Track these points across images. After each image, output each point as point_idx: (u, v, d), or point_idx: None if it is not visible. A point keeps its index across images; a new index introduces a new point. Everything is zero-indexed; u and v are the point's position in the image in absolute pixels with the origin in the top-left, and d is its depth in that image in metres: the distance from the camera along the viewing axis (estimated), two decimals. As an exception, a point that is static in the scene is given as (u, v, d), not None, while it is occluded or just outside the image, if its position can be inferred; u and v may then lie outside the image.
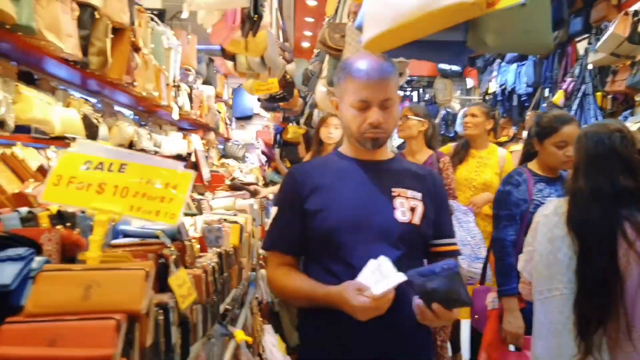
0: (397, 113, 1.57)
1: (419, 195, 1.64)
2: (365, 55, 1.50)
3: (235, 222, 3.15)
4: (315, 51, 5.81)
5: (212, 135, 7.44)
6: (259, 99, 7.14)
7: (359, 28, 1.38)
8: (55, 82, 2.98)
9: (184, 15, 2.71)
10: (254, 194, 4.76)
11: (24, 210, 1.60)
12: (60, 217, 1.62)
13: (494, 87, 7.47)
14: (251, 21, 2.80)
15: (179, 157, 5.25)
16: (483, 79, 8.29)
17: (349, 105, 1.53)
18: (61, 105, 2.60)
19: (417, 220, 1.60)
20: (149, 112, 5.01)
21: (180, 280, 1.84)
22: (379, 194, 1.60)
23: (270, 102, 6.09)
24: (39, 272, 1.17)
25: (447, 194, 1.85)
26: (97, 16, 2.77)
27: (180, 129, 6.00)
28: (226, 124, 8.89)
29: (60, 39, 2.31)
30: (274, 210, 1.66)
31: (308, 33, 8.24)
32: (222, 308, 2.39)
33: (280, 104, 6.19)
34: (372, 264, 1.39)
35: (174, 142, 4.97)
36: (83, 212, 1.68)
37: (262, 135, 10.39)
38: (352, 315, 1.38)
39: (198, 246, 2.44)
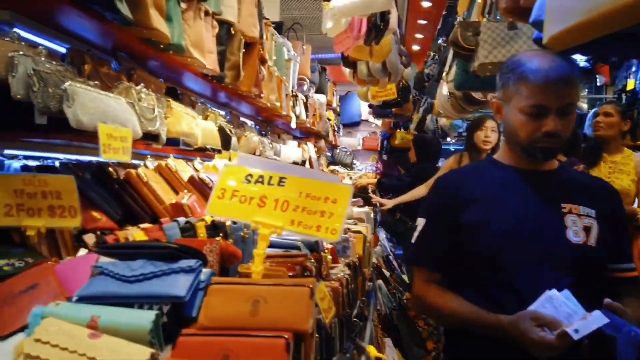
0: (575, 119, 1.39)
1: (592, 212, 1.43)
2: (541, 53, 1.34)
3: (359, 232, 3.11)
4: (431, 54, 5.61)
5: (322, 143, 7.55)
6: (369, 106, 7.11)
7: (536, 23, 1.23)
8: (193, 96, 3.17)
9: (328, 25, 2.73)
10: (367, 201, 4.70)
11: (182, 220, 1.69)
12: (214, 228, 1.68)
13: (632, 84, 6.63)
14: (377, 29, 2.74)
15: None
16: (619, 75, 7.40)
17: (518, 110, 1.36)
18: (201, 118, 2.75)
19: (592, 241, 1.40)
20: (267, 122, 5.19)
21: (322, 293, 1.81)
22: (547, 209, 1.42)
23: (383, 109, 6.02)
24: (211, 285, 1.19)
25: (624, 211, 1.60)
26: (232, 32, 2.90)
27: (295, 138, 6.15)
28: (334, 130, 8.97)
29: (203, 56, 2.44)
30: (420, 222, 1.55)
31: (419, 35, 8.02)
32: (350, 321, 2.34)
33: (394, 109, 6.08)
34: (550, 295, 1.22)
35: (290, 150, 5.09)
36: (235, 222, 1.73)
37: (368, 142, 10.37)
38: (526, 349, 1.23)
39: (330, 257, 2.42)
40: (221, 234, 1.62)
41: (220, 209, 1.31)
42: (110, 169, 1.86)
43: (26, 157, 2.02)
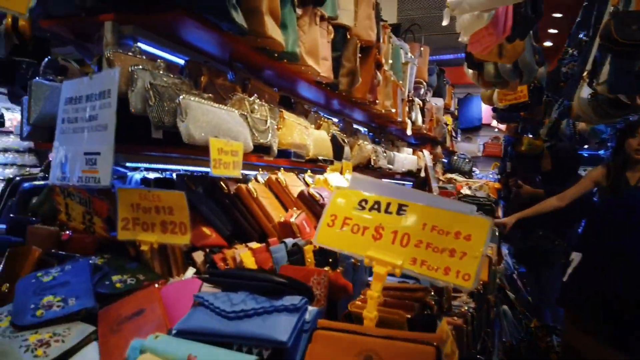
0: None
1: None
2: None
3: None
4: (569, 50, 4.96)
5: (439, 149, 7.14)
6: (494, 109, 6.54)
7: None
8: (306, 104, 3.09)
9: (445, 22, 2.47)
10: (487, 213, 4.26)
11: (289, 242, 1.57)
12: (322, 253, 1.53)
13: None
14: (526, 21, 2.38)
15: (409, 174, 5.10)
16: None
17: None
18: (313, 128, 2.64)
19: None
20: (382, 129, 4.99)
21: (444, 334, 1.57)
22: None
23: (509, 112, 5.46)
24: (317, 331, 1.04)
25: None
26: (348, 36, 2.75)
27: (410, 144, 5.86)
28: (452, 136, 8.46)
29: (317, 63, 2.33)
30: (575, 257, 1.23)
31: (553, 30, 7.22)
32: None
33: (522, 113, 5.50)
34: None
35: (405, 158, 4.83)
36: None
37: (490, 148, 9.64)
38: None
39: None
40: (330, 260, 1.46)
41: (330, 239, 1.14)
42: (222, 183, 1.81)
43: (147, 169, 2.07)
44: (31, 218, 1.87)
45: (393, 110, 3.94)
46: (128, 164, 1.90)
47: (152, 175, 1.94)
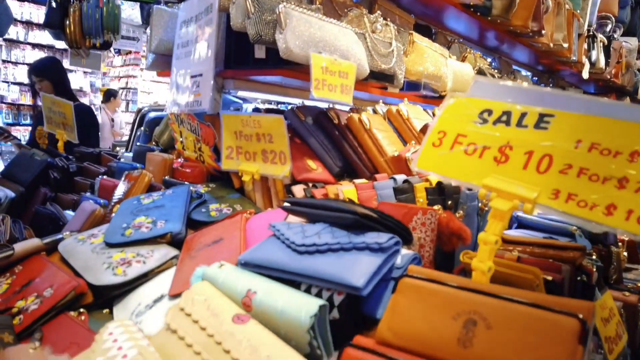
0: None
1: None
2: None
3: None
4: None
5: (627, 101, 5.88)
6: None
7: None
8: (450, 36, 2.67)
9: None
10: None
11: (400, 178, 1.29)
12: (440, 192, 1.22)
13: None
14: None
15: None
16: None
17: None
18: (455, 59, 2.24)
19: None
20: (549, 71, 4.21)
21: (606, 310, 1.17)
22: None
23: None
24: (403, 278, 0.77)
25: None
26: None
27: (585, 92, 4.90)
28: (647, 87, 6.91)
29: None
30: None
31: None
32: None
33: None
34: None
35: (579, 107, 4.01)
36: (470, 189, 1.24)
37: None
38: None
39: (625, 253, 1.66)
40: (449, 202, 1.16)
41: (434, 162, 0.84)
42: (332, 112, 1.59)
43: (263, 102, 1.96)
44: (153, 147, 1.90)
45: (565, 46, 3.24)
46: (241, 94, 1.80)
47: (264, 107, 1.81)
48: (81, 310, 1.03)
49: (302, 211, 0.98)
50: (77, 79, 5.90)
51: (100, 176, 1.90)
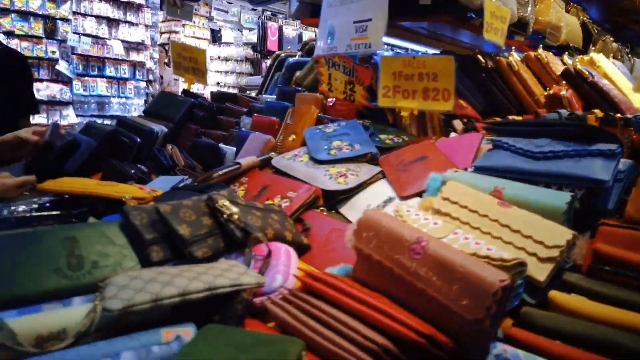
0: None
1: None
2: None
3: None
4: None
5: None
6: None
7: None
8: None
9: None
10: None
11: (564, 112, 1.47)
12: (607, 122, 1.40)
13: None
14: None
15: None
16: None
17: None
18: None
19: None
20: (617, 30, 4.25)
21: None
22: None
23: None
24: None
25: None
26: None
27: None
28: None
29: None
30: None
31: None
32: None
33: None
34: None
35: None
36: None
37: None
38: None
39: None
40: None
41: None
42: (479, 57, 1.76)
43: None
44: (295, 88, 2.09)
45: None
46: (386, 41, 1.97)
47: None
48: (321, 208, 1.26)
49: (515, 129, 1.18)
50: (138, 33, 6.07)
51: (243, 115, 2.12)
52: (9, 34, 5.10)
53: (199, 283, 0.76)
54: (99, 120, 5.77)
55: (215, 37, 8.56)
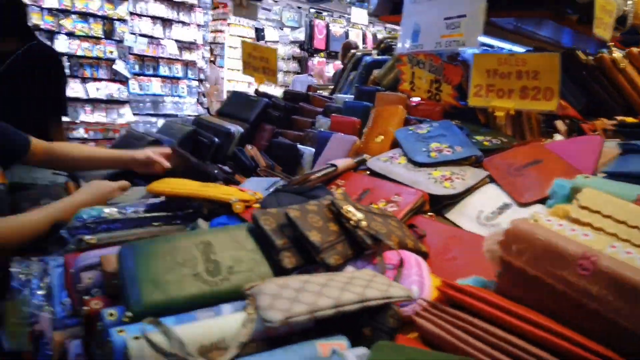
0: None
1: None
2: None
3: None
4: None
5: None
6: None
7: None
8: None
9: None
10: None
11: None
12: None
13: None
14: None
15: None
16: None
17: None
18: None
19: None
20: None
21: None
22: None
23: None
24: None
25: None
26: None
27: None
28: None
29: None
30: None
31: None
32: None
33: None
34: None
35: None
36: None
37: None
38: None
39: None
40: None
41: None
42: (578, 53, 1.66)
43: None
44: (375, 87, 2.04)
45: None
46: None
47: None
48: (429, 213, 1.20)
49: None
50: (191, 33, 6.17)
51: (318, 115, 2.09)
52: (71, 34, 5.28)
53: (350, 294, 0.72)
54: (153, 120, 5.90)
55: (259, 35, 8.62)
